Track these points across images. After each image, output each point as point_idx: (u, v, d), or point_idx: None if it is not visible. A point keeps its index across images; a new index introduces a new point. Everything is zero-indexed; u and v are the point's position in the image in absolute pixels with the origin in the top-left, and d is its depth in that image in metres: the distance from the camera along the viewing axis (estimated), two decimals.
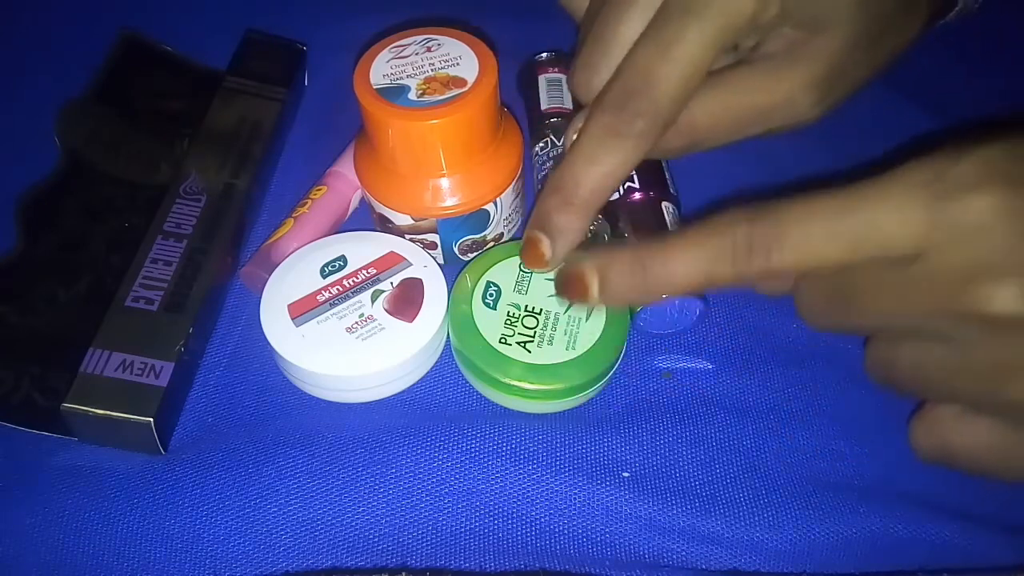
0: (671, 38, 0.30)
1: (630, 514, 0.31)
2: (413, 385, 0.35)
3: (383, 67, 0.35)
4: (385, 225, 0.38)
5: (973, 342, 0.25)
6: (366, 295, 0.35)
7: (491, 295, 0.35)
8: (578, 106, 0.42)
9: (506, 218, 0.38)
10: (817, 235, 0.26)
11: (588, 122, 0.32)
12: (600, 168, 0.31)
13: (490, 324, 0.34)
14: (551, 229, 0.32)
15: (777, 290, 0.31)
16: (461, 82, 0.34)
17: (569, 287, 0.31)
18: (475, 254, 0.38)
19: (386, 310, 0.34)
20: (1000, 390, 0.26)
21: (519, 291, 0.35)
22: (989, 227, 0.24)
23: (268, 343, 0.34)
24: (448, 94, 0.34)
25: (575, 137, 0.32)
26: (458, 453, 0.32)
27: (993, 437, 0.27)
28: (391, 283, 0.35)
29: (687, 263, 0.28)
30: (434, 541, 0.31)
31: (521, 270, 0.36)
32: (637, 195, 0.37)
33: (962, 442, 0.28)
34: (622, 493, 0.32)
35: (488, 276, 0.35)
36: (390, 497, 0.31)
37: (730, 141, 0.33)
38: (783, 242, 0.27)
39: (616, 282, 0.30)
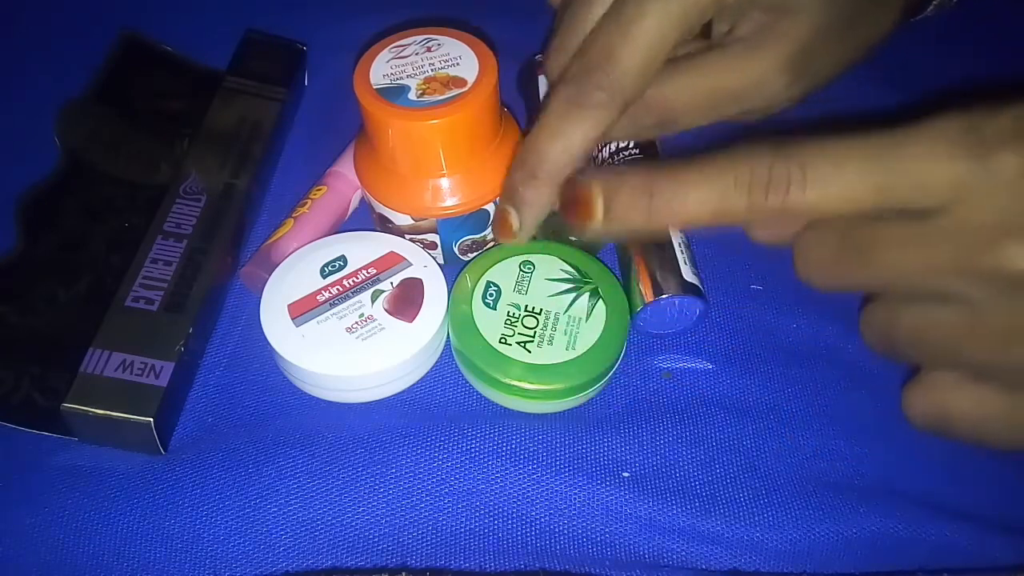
0: (631, 16, 0.31)
1: (630, 514, 0.31)
2: (413, 385, 0.35)
3: (383, 67, 0.35)
4: (385, 225, 0.38)
5: (990, 303, 0.24)
6: (366, 295, 0.35)
7: (491, 295, 0.35)
8: None
9: None
10: (842, 175, 0.25)
11: (551, 97, 0.32)
12: (562, 141, 0.31)
13: (490, 324, 0.34)
14: (518, 202, 0.33)
15: (780, 237, 0.29)
16: (461, 82, 0.34)
17: (573, 207, 0.29)
18: (475, 254, 0.38)
19: (386, 310, 0.34)
20: (1013, 354, 0.25)
21: (519, 291, 0.35)
22: (1020, 185, 0.23)
23: (268, 343, 0.34)
24: (448, 94, 0.34)
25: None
26: (458, 453, 0.32)
27: (995, 404, 0.26)
28: (391, 283, 0.35)
29: (699, 192, 0.27)
30: (434, 541, 0.31)
31: (521, 270, 0.36)
32: None
33: (962, 408, 0.27)
34: (622, 493, 0.32)
35: (488, 276, 0.35)
36: (390, 497, 0.31)
37: (705, 122, 0.34)
38: (806, 179, 0.25)
39: (622, 205, 0.28)
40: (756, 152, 0.26)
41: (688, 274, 0.35)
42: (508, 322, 0.34)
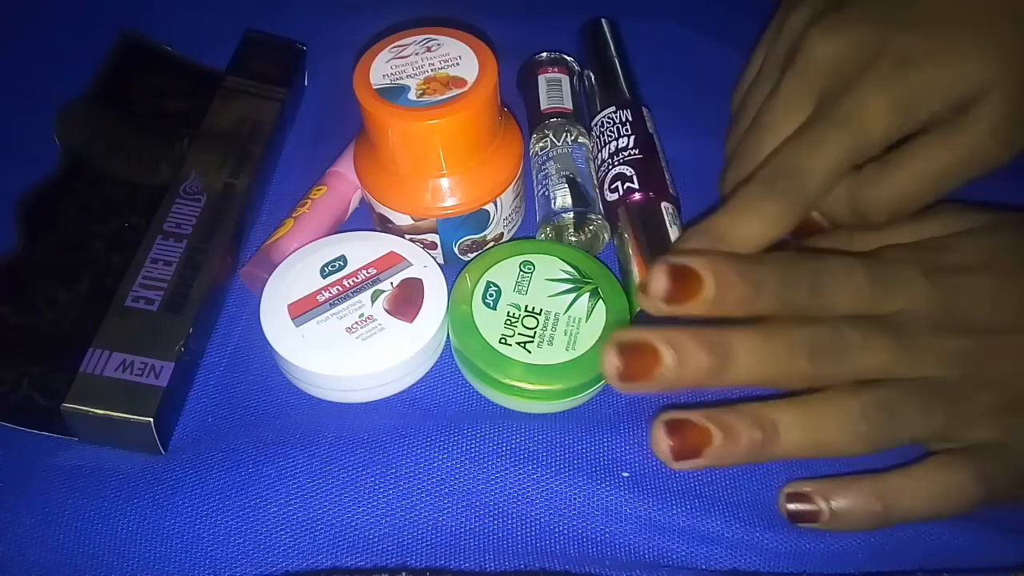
0: (815, 141, 0.33)
1: (630, 514, 0.31)
2: (413, 385, 0.35)
3: (383, 67, 0.35)
4: (385, 225, 0.38)
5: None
6: (366, 295, 0.35)
7: (491, 295, 0.35)
8: (577, 106, 0.42)
9: (506, 218, 0.38)
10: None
11: (744, 190, 0.33)
12: (745, 224, 0.33)
13: (490, 324, 0.34)
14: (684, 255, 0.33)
15: None
16: (461, 82, 0.34)
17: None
18: (475, 254, 0.38)
19: (386, 310, 0.34)
20: None
21: (519, 291, 0.35)
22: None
23: (268, 343, 0.34)
24: (448, 94, 0.34)
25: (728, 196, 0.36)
26: (458, 453, 0.32)
27: None
28: (391, 283, 0.35)
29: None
30: (434, 541, 0.31)
31: (521, 270, 0.36)
32: (637, 195, 0.37)
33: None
34: (622, 493, 0.32)
35: (488, 276, 0.35)
36: (390, 497, 0.31)
37: (932, 200, 0.35)
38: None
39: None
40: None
41: None
42: (508, 322, 0.34)
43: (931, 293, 0.32)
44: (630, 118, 0.40)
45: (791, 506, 0.31)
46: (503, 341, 0.33)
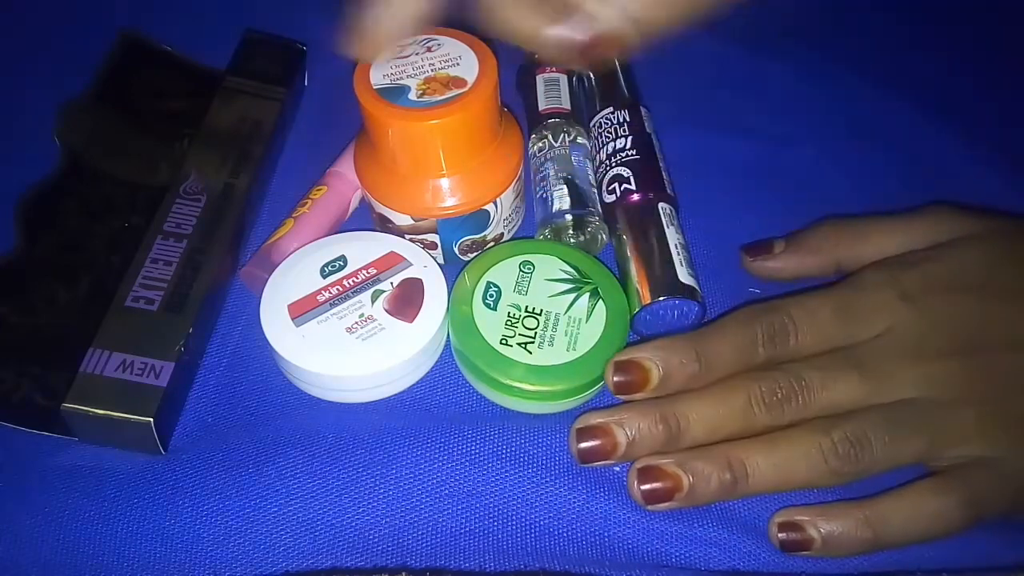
0: None
1: (629, 518, 0.31)
2: (413, 385, 0.35)
3: (383, 67, 0.35)
4: (385, 225, 0.38)
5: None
6: (366, 295, 0.35)
7: (491, 296, 0.35)
8: (575, 107, 0.42)
9: (506, 218, 0.38)
10: (821, 322, 0.33)
11: None
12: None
13: (490, 325, 0.34)
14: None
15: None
16: (461, 82, 0.34)
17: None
18: (475, 254, 0.38)
19: (386, 310, 0.34)
20: None
21: (519, 292, 0.35)
22: (935, 317, 0.32)
23: (268, 343, 0.34)
24: (448, 94, 0.34)
25: None
26: (458, 454, 0.32)
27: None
28: (391, 283, 0.35)
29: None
30: (434, 542, 0.31)
31: (521, 270, 0.36)
32: (635, 196, 0.37)
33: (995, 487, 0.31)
34: (622, 497, 0.32)
35: (488, 276, 0.35)
36: (390, 497, 0.31)
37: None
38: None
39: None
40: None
41: (685, 276, 0.35)
42: (508, 323, 0.34)
43: (910, 317, 0.32)
44: (628, 118, 0.40)
45: (783, 535, 0.31)
46: (504, 342, 0.33)
